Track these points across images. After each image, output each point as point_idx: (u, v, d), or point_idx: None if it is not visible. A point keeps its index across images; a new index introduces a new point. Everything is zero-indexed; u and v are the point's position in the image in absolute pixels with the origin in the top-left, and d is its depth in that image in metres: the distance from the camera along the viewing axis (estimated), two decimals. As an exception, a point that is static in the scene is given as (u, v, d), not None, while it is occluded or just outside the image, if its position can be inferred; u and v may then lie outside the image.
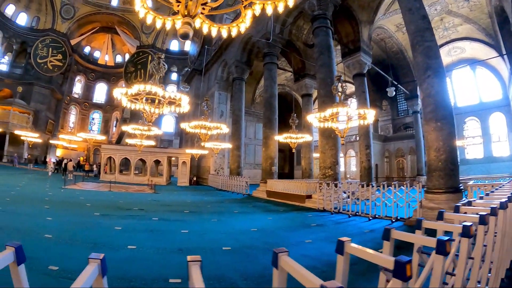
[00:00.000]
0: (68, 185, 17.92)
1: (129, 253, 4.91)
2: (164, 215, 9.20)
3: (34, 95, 41.46)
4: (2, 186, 14.78)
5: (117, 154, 26.50)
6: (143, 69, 42.57)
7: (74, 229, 6.67)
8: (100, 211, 9.23)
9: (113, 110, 54.10)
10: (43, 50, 42.25)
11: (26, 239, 5.48)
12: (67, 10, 44.48)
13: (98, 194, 15.25)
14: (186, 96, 9.64)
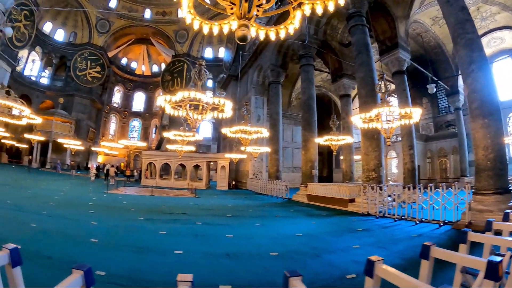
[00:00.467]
0: (111, 190, 18.45)
1: (176, 258, 4.92)
2: (207, 219, 9.26)
3: (75, 105, 44.10)
4: (47, 191, 15.39)
5: (157, 160, 27.31)
6: (179, 77, 43.83)
7: (119, 234, 6.81)
8: (143, 216, 9.38)
9: (152, 118, 56.14)
10: (82, 63, 44.78)
11: (72, 243, 5.62)
12: (102, 24, 46.98)
13: (140, 198, 15.63)
14: (230, 101, 9.72)
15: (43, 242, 5.53)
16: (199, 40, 47.56)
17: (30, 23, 35.16)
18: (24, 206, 9.75)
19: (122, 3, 46.92)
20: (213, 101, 9.21)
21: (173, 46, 48.01)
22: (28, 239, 5.56)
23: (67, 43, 46.32)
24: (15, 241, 4.86)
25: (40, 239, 5.76)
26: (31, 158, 34.61)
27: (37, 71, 44.67)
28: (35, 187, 16.94)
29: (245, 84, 28.43)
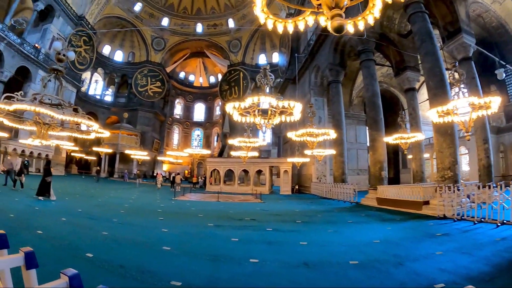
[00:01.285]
0: (178, 196, 18.92)
1: (252, 267, 4.81)
2: (277, 225, 9.17)
3: (140, 119, 48.14)
4: (116, 199, 16.11)
5: (221, 166, 28.16)
6: (237, 85, 45.08)
7: (191, 241, 6.81)
8: (213, 222, 9.40)
9: (213, 127, 58.47)
10: (142, 80, 48.53)
11: (145, 251, 5.68)
12: (157, 42, 50.70)
13: (207, 204, 15.89)
14: (300, 103, 9.64)
15: (115, 250, 5.69)
16: (252, 47, 48.53)
17: (90, 47, 38.79)
18: (95, 214, 10.18)
19: (174, 21, 49.88)
20: (282, 105, 9.18)
21: (228, 56, 49.49)
22: (100, 247, 5.75)
23: (127, 62, 50.89)
24: (87, 249, 5.34)
25: (112, 247, 5.93)
26: (99, 168, 37.46)
27: (101, 90, 50.15)
28: (104, 195, 17.85)
29: (303, 87, 28.13)
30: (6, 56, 27.82)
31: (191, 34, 51.20)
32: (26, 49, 29.97)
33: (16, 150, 28.08)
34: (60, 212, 9.90)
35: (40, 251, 4.86)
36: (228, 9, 48.62)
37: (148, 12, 48.32)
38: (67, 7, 35.52)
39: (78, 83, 39.08)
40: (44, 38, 33.68)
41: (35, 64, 31.34)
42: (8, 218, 7.99)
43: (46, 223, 7.89)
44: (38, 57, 31.55)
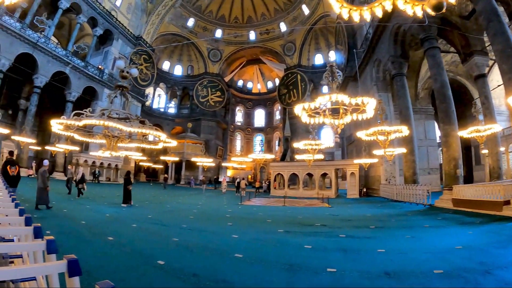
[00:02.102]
0: (244, 201, 19.14)
1: (330, 278, 4.61)
2: (350, 231, 8.91)
3: (203, 128, 50.75)
4: (184, 205, 16.67)
5: (285, 170, 28.21)
6: (295, 88, 45.15)
7: (262, 248, 6.72)
8: (282, 228, 9.29)
9: (274, 131, 59.25)
10: (203, 91, 51.25)
11: (217, 259, 5.64)
12: (214, 54, 53.00)
13: (274, 209, 15.85)
14: (374, 99, 9.29)
15: (186, 257, 5.68)
16: (307, 49, 48.30)
17: (150, 64, 41.95)
18: (164, 220, 10.43)
19: (227, 31, 51.39)
20: (355, 102, 8.87)
21: (283, 60, 49.75)
22: (171, 255, 5.80)
23: (186, 75, 54.25)
24: (158, 256, 5.40)
25: (184, 254, 5.94)
26: (167, 176, 39.42)
27: (164, 103, 54.06)
28: (173, 201, 18.46)
29: (365, 83, 27.04)
30: (72, 78, 31.74)
31: (245, 42, 52.59)
32: (90, 70, 33.88)
33: (87, 161, 31.88)
34: (130, 218, 10.43)
35: (111, 258, 5.23)
36: (278, 13, 48.93)
37: (201, 26, 50.68)
38: (124, 29, 39.10)
39: (142, 98, 42.55)
40: (106, 60, 37.41)
41: (100, 84, 35.17)
42: (80, 225, 8.42)
43: (117, 229, 8.26)
44: (102, 77, 35.35)
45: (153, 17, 43.18)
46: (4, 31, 25.04)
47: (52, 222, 8.53)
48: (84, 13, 33.08)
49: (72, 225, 8.30)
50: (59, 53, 30.20)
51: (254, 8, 50.23)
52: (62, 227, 7.90)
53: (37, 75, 28.44)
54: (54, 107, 34.52)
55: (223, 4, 50.19)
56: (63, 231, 7.38)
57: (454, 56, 22.88)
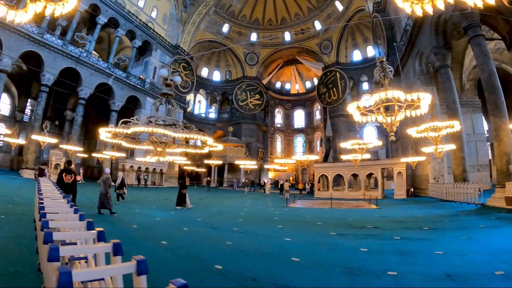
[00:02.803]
0: (289, 203, 19.17)
1: (393, 281, 4.56)
2: (403, 233, 8.71)
3: (243, 131, 51.49)
4: (230, 208, 16.88)
5: (330, 171, 27.99)
6: (334, 87, 44.32)
7: (318, 251, 6.65)
8: (334, 230, 9.21)
9: (314, 132, 58.76)
10: (242, 95, 52.12)
11: (274, 263, 5.62)
12: (250, 57, 53.55)
13: (321, 211, 15.85)
14: (429, 94, 9.01)
15: (243, 262, 5.69)
16: (344, 45, 47.30)
17: (189, 71, 43.61)
18: (214, 223, 10.59)
19: (262, 34, 52.00)
20: (411, 98, 8.70)
21: (321, 59, 49.15)
22: (227, 259, 5.79)
23: (225, 81, 55.46)
24: (215, 260, 5.45)
25: (240, 258, 5.96)
26: (210, 179, 40.33)
27: (204, 109, 55.59)
28: (219, 204, 18.74)
29: (408, 77, 26.00)
30: (116, 88, 33.66)
31: (281, 43, 52.61)
32: (132, 81, 35.71)
33: (133, 167, 33.66)
34: (181, 222, 10.65)
35: (167, 262, 5.38)
36: (312, 12, 48.49)
37: (236, 31, 51.50)
38: (162, 40, 40.97)
39: (184, 105, 44.07)
40: (146, 69, 39.31)
41: (143, 93, 36.97)
42: (131, 229, 8.67)
43: (169, 233, 8.46)
44: (144, 86, 37.16)
45: (189, 26, 44.59)
46: (47, 48, 27.23)
47: (103, 226, 8.57)
48: (122, 26, 34.93)
49: (124, 229, 8.58)
50: (101, 66, 32.24)
51: (287, 8, 50.14)
52: (115, 231, 8.10)
53: (82, 87, 30.51)
54: (98, 117, 37.65)
55: (256, 7, 50.63)
56: (116, 235, 7.41)
57: (498, 43, 21.74)
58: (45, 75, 27.40)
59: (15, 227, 7.67)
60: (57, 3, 3.82)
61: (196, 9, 44.45)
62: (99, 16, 32.51)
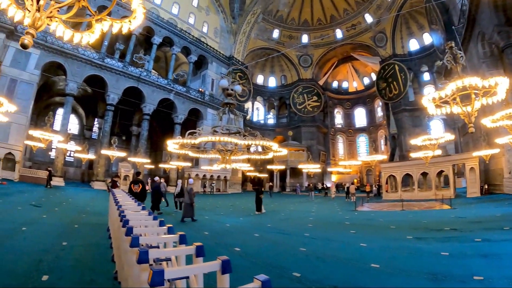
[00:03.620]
0: (358, 207, 18.62)
1: (479, 286, 4.35)
2: (483, 234, 8.07)
3: (303, 134, 51.21)
4: (298, 213, 16.86)
5: (398, 171, 26.49)
6: (394, 81, 41.94)
7: (397, 257, 6.41)
8: (410, 234, 8.81)
9: (377, 130, 55.99)
10: (299, 98, 52.03)
11: (353, 270, 5.49)
12: (304, 59, 53.44)
13: (393, 214, 15.30)
14: (507, 78, 8.23)
15: (320, 269, 5.57)
16: (398, 35, 44.79)
17: (246, 80, 44.14)
18: (284, 229, 10.53)
19: (313, 35, 51.72)
20: (489, 84, 8.04)
21: (376, 52, 47.22)
22: (304, 266, 5.68)
23: (281, 86, 55.80)
24: (291, 267, 5.42)
25: (317, 265, 5.81)
26: (272, 184, 41.11)
27: (263, 115, 56.25)
28: (284, 209, 18.60)
29: (472, 62, 23.35)
30: (177, 103, 35.63)
31: (333, 42, 51.65)
32: (192, 94, 37.52)
33: (198, 175, 35.18)
34: (251, 228, 10.69)
35: (245, 270, 5.40)
36: (360, 5, 46.96)
37: (286, 35, 51.88)
38: (216, 52, 42.59)
39: (243, 113, 45.02)
40: (205, 82, 41.17)
41: (203, 105, 38.61)
42: (203, 236, 8.75)
43: (241, 239, 8.44)
44: (204, 98, 38.76)
45: (240, 36, 45.85)
46: (109, 71, 30.09)
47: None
48: (176, 44, 37.25)
49: (197, 236, 8.60)
50: (161, 82, 34.55)
51: (335, 5, 49.24)
52: (188, 237, 8.26)
53: (145, 104, 32.94)
54: (162, 130, 40.72)
55: (303, 9, 50.49)
56: (189, 241, 7.56)
57: None
58: (110, 95, 30.17)
59: (89, 236, 8.08)
60: (123, 20, 3.93)
61: (244, 19, 45.51)
62: (154, 37, 35.18)
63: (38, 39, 24.78)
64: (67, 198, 18.53)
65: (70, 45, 27.25)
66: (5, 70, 20.97)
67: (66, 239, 7.34)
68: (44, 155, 35.09)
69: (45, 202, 14.91)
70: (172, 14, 39.63)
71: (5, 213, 10.57)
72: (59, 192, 21.09)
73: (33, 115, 30.71)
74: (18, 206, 12.31)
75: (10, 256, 5.55)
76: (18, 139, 23.75)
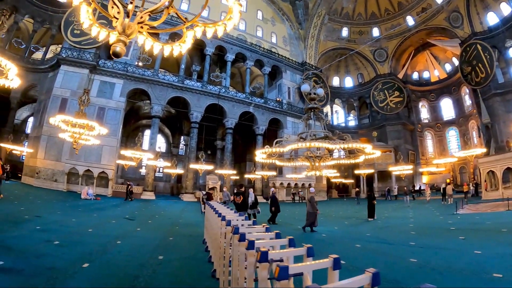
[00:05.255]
0: (458, 209, 17.73)
1: None
2: None
3: (389, 134, 49.33)
4: (395, 220, 16.56)
5: (497, 166, 24.25)
6: (479, 62, 38.20)
7: None
8: None
9: (467, 121, 50.85)
10: (379, 95, 50.41)
11: (475, 280, 5.26)
12: (379, 54, 52.06)
13: (499, 215, 14.58)
14: None
15: (440, 281, 5.28)
16: (474, 12, 40.61)
17: (322, 84, 44.15)
18: (386, 238, 10.24)
19: (383, 26, 50.35)
20: None
21: (454, 34, 43.91)
22: (421, 279, 5.51)
23: (358, 85, 54.97)
24: (408, 282, 5.21)
25: (434, 277, 5.56)
26: (359, 189, 39.78)
27: (343, 118, 55.86)
28: (379, 216, 17.60)
29: None
30: (257, 114, 37.52)
31: (406, 30, 49.43)
32: (270, 104, 39.09)
33: (283, 183, 36.58)
34: (349, 238, 10.65)
35: None
36: (427, -15, 44.73)
37: (356, 32, 51.30)
38: (289, 61, 43.84)
39: (323, 117, 44.63)
40: (281, 91, 42.36)
41: (282, 114, 39.89)
42: (300, 247, 9.07)
43: (341, 250, 8.07)
44: (282, 107, 40.08)
45: (309, 41, 46.56)
46: (189, 91, 33.41)
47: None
48: (249, 58, 39.28)
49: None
50: (240, 97, 36.80)
51: (400, -9, 47.56)
52: None
53: (227, 118, 35.52)
54: (244, 142, 43.92)
55: (368, 1, 49.46)
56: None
57: None
58: (193, 113, 33.33)
59: (185, 249, 8.27)
60: (217, 24, 3.97)
61: (311, 23, 46.18)
62: (227, 54, 37.77)
63: (120, 70, 29.74)
64: (159, 210, 19.94)
65: (150, 72, 31.48)
66: (92, 100, 24.21)
67: (162, 252, 7.55)
68: (134, 172, 40.08)
69: (138, 215, 15.93)
70: (240, 30, 41.86)
71: (100, 227, 11.07)
72: (150, 205, 22.95)
73: (122, 137, 35.41)
74: (112, 220, 13.08)
75: (105, 271, 5.77)
76: (110, 159, 28.05)
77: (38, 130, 27.94)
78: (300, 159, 14.16)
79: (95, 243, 8.01)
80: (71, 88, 27.74)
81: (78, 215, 13.54)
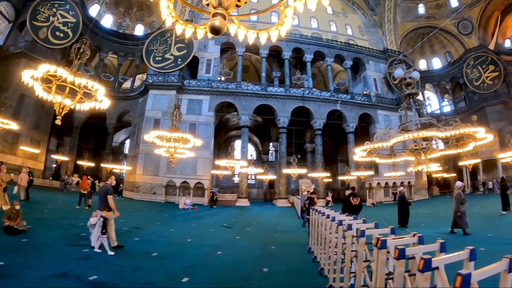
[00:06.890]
0: None
1: None
2: None
3: (489, 116, 42.63)
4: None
5: None
6: None
7: None
8: None
9: None
10: (473, 73, 44.23)
11: None
12: (463, 26, 46.33)
13: None
14: None
15: None
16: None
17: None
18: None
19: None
20: None
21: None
22: None
23: (448, 64, 49.71)
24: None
25: None
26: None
27: (437, 104, 51.49)
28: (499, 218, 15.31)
29: None
30: (345, 112, 36.16)
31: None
32: (358, 99, 37.45)
33: (380, 183, 34.18)
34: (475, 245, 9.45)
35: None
36: None
37: (433, 6, 46.74)
38: (370, 50, 41.91)
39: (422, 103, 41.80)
40: (367, 84, 40.48)
41: (372, 107, 37.67)
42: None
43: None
44: (371, 100, 38.06)
45: (386, 25, 43.99)
46: (273, 98, 33.86)
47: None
48: (328, 55, 38.49)
49: None
50: (324, 96, 36.09)
51: None
52: None
53: (314, 119, 35.01)
54: (334, 143, 44.29)
55: (440, -35, 45.53)
56: None
57: None
58: (280, 119, 33.64)
59: (290, 260, 7.91)
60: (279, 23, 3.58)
61: (384, 7, 43.67)
62: (305, 55, 37.65)
63: (205, 87, 32.19)
64: (255, 217, 20.13)
65: (234, 85, 32.98)
66: (183, 118, 25.41)
67: (266, 264, 7.28)
68: (228, 181, 42.48)
69: (235, 223, 16.00)
70: (313, 28, 41.54)
71: (199, 236, 11.12)
72: (246, 212, 23.56)
73: (214, 149, 37.04)
74: (210, 229, 13.14)
75: (206, 286, 5.61)
76: (205, 170, 30.13)
77: (135, 149, 31.52)
78: (405, 154, 13.21)
79: (195, 254, 7.99)
80: (161, 109, 30.85)
81: (177, 225, 14.06)
